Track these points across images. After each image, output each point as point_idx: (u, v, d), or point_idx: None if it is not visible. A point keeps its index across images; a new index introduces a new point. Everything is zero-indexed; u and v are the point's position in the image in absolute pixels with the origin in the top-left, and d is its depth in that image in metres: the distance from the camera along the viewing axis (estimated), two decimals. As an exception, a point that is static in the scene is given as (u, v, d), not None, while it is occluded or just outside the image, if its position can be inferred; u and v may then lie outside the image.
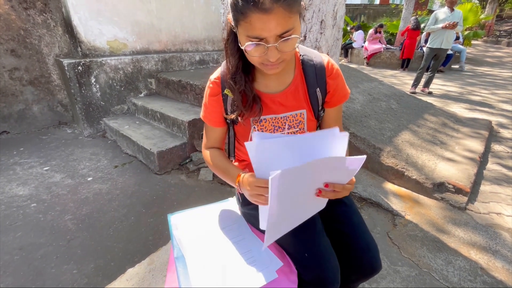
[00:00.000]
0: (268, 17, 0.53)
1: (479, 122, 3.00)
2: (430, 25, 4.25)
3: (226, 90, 0.75)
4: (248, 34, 0.57)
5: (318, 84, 0.76)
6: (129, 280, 0.70)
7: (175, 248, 0.73)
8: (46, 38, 2.70)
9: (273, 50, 0.59)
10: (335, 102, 0.79)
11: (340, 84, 0.78)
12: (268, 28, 0.55)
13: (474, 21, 9.13)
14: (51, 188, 1.89)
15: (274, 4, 0.52)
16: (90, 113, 2.70)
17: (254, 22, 0.55)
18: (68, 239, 1.45)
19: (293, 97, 0.77)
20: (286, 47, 0.59)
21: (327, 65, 0.76)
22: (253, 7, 0.52)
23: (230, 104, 0.76)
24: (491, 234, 1.52)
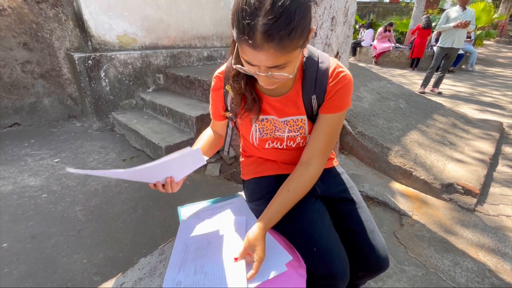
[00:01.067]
0: (258, 53, 0.53)
1: (489, 124, 2.95)
2: (441, 24, 4.17)
3: (227, 86, 0.75)
4: (242, 55, 0.58)
5: (316, 91, 0.71)
6: (141, 269, 0.71)
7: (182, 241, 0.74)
8: (58, 32, 2.74)
9: (263, 77, 0.60)
10: (326, 108, 0.72)
11: (341, 91, 0.70)
12: (257, 61, 0.55)
13: (487, 20, 8.94)
14: (61, 180, 1.93)
15: (265, 43, 0.50)
16: (99, 107, 2.74)
17: (246, 52, 0.55)
18: (78, 229, 1.48)
19: (292, 103, 0.75)
20: (277, 77, 0.58)
21: (332, 71, 0.70)
22: (244, 40, 0.52)
23: (230, 101, 0.78)
24: (500, 236, 1.50)
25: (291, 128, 0.78)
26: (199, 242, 0.75)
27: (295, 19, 0.49)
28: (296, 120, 0.77)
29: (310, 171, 0.73)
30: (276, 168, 0.87)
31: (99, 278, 1.19)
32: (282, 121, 0.77)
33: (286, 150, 0.83)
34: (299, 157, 0.84)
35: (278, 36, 0.49)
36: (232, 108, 0.77)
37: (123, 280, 0.67)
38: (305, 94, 0.73)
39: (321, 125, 0.74)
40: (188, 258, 0.70)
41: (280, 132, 0.79)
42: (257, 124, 0.79)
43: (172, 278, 0.65)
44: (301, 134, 0.79)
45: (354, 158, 2.24)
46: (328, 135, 0.74)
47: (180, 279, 0.65)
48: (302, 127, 0.78)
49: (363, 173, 2.06)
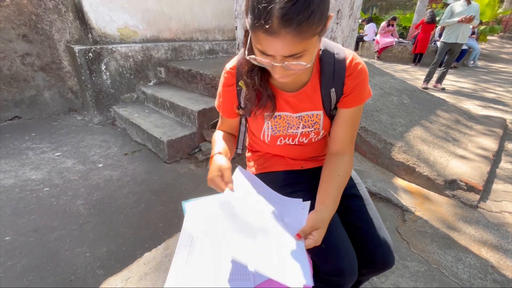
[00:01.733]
0: (274, 40, 0.50)
1: (493, 120, 2.93)
2: (445, 18, 4.10)
3: (241, 82, 0.72)
4: (256, 45, 0.55)
5: (334, 84, 0.70)
6: (146, 264, 0.71)
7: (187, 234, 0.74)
8: (57, 23, 2.70)
9: (278, 68, 0.56)
10: (348, 103, 0.72)
11: (360, 85, 0.70)
12: (274, 50, 0.52)
13: (491, 15, 8.81)
14: (63, 173, 1.92)
15: (282, 29, 0.48)
16: (100, 101, 2.72)
17: (261, 40, 0.52)
18: (80, 223, 1.48)
19: (309, 97, 0.73)
20: (293, 67, 0.55)
21: (349, 63, 0.69)
22: (260, 26, 0.49)
23: (244, 98, 0.75)
24: (503, 232, 1.50)
25: (305, 123, 0.76)
26: (204, 235, 0.74)
27: (314, 2, 0.47)
28: (311, 115, 0.75)
29: (346, 160, 0.74)
30: (284, 164, 0.86)
31: (103, 272, 1.19)
32: (296, 117, 0.75)
33: (297, 145, 0.82)
34: (309, 153, 0.83)
35: (296, 20, 0.47)
36: (246, 105, 0.74)
37: (129, 275, 0.67)
38: (324, 88, 0.71)
39: (344, 118, 0.74)
40: (194, 251, 0.69)
41: (293, 129, 0.77)
42: (270, 121, 0.77)
43: (178, 271, 0.64)
44: (315, 129, 0.77)
45: (357, 154, 2.22)
46: (353, 126, 0.75)
47: (185, 273, 0.64)
48: (317, 123, 0.76)
49: (366, 168, 2.05)
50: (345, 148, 0.75)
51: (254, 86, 0.68)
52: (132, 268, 0.70)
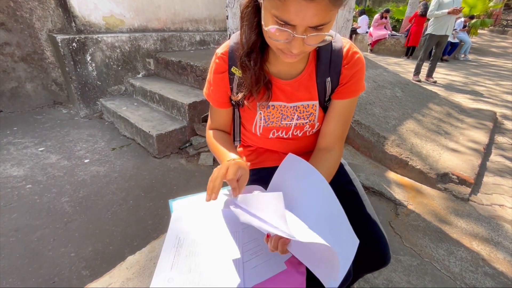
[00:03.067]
0: (308, 5, 0.45)
1: (483, 113, 2.96)
2: (433, 10, 4.07)
3: (234, 69, 0.67)
4: (277, 14, 0.49)
5: (330, 74, 0.67)
6: (129, 268, 0.66)
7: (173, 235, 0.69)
8: (38, 11, 2.55)
9: (298, 41, 0.51)
10: (342, 94, 0.69)
11: (356, 76, 0.67)
12: (303, 17, 0.47)
13: (483, 9, 8.88)
14: (47, 169, 1.84)
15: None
16: (86, 93, 2.61)
17: (290, 5, 0.46)
18: (65, 221, 1.42)
19: (305, 86, 0.69)
20: (313, 41, 0.51)
21: (346, 52, 0.66)
22: None
23: (237, 84, 0.70)
24: (493, 225, 1.51)
25: (300, 114, 0.72)
26: (193, 236, 0.70)
27: None
28: (306, 105, 0.71)
29: (334, 155, 0.71)
30: (276, 159, 0.82)
31: (88, 272, 1.14)
32: (291, 107, 0.71)
33: (291, 140, 0.78)
34: (303, 148, 0.79)
35: None
36: (241, 90, 0.68)
37: (110, 280, 0.62)
38: (320, 77, 0.67)
39: (337, 110, 0.71)
40: (181, 253, 0.65)
41: (287, 120, 0.73)
42: (263, 111, 0.72)
43: (163, 275, 0.60)
44: (310, 121, 0.74)
45: (350, 148, 2.21)
46: (345, 120, 0.72)
47: (172, 276, 0.60)
48: (312, 114, 0.73)
49: (359, 162, 2.03)
50: (334, 143, 0.72)
51: (253, 69, 0.63)
52: (113, 273, 0.65)
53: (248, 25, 0.58)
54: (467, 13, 8.04)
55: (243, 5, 0.57)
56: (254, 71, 0.63)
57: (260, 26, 0.58)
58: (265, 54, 0.66)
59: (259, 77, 0.65)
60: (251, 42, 0.60)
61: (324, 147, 0.73)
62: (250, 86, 0.65)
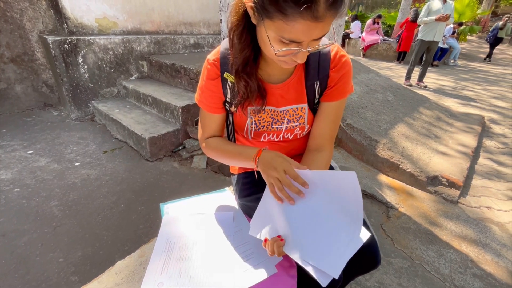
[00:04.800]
0: (317, 25, 0.47)
1: (472, 117, 3.02)
2: (423, 16, 4.19)
3: (226, 74, 0.68)
4: (283, 35, 0.50)
5: (319, 77, 0.69)
6: (119, 273, 0.65)
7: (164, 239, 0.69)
8: (29, 12, 2.52)
9: (305, 53, 0.54)
10: (331, 96, 0.71)
11: (344, 78, 0.69)
12: (310, 35, 0.49)
13: (471, 16, 9.13)
14: (36, 173, 1.80)
15: (327, 12, 0.46)
16: (77, 95, 2.57)
17: (298, 27, 0.48)
18: (54, 226, 1.39)
19: (294, 89, 0.71)
20: (315, 48, 0.55)
21: (334, 55, 0.68)
22: (304, 12, 0.45)
23: (231, 89, 0.70)
24: (481, 227, 1.54)
25: (290, 118, 0.74)
26: (183, 240, 0.70)
27: None
28: (296, 109, 0.73)
29: (324, 156, 0.73)
30: None
31: (77, 278, 1.12)
32: (281, 111, 0.73)
33: (282, 142, 0.79)
34: (294, 150, 0.80)
35: (339, 2, 0.47)
36: (235, 95, 0.69)
37: (98, 286, 0.61)
38: (309, 80, 0.69)
39: (327, 112, 0.73)
40: (171, 257, 0.65)
41: (278, 124, 0.74)
42: (253, 116, 0.73)
43: (153, 279, 0.60)
44: (300, 124, 0.75)
45: (342, 151, 2.23)
46: (335, 121, 0.74)
47: (162, 280, 0.60)
48: (302, 117, 0.74)
49: (352, 165, 2.06)
50: (325, 144, 0.74)
51: (248, 82, 0.64)
52: (102, 278, 0.64)
53: (241, 42, 0.59)
54: (456, 20, 8.26)
55: (233, 23, 0.58)
56: (250, 83, 0.65)
57: (254, 40, 0.59)
58: (257, 63, 0.67)
59: (254, 87, 0.66)
60: (246, 57, 0.61)
61: (315, 147, 0.75)
62: (246, 96, 0.66)
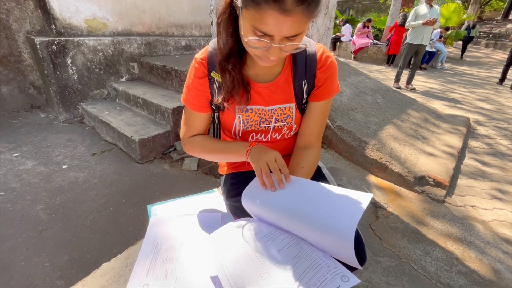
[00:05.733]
0: (285, 19, 0.49)
1: (458, 119, 3.11)
2: (410, 21, 4.31)
3: (213, 73, 0.69)
4: (255, 26, 0.52)
5: (306, 77, 0.71)
6: (104, 275, 0.65)
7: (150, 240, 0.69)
8: (16, 12, 2.47)
9: (276, 49, 0.55)
10: (319, 96, 0.73)
11: (330, 78, 0.72)
12: (280, 29, 0.51)
13: (457, 21, 9.39)
14: (22, 176, 1.76)
15: (296, 7, 0.47)
16: (66, 97, 2.53)
17: (267, 18, 0.49)
18: (39, 230, 1.36)
19: (282, 89, 0.72)
20: (289, 48, 0.56)
21: (320, 56, 0.70)
22: (272, 3, 0.47)
23: (217, 88, 0.71)
24: (466, 226, 1.58)
25: (278, 117, 0.75)
26: (170, 242, 0.70)
27: None
28: (284, 108, 0.74)
29: (313, 152, 0.75)
30: None
31: (63, 283, 1.10)
32: (269, 110, 0.74)
33: (270, 143, 0.80)
34: (282, 151, 0.81)
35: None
36: (220, 95, 0.70)
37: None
38: (297, 80, 0.71)
39: (315, 112, 0.75)
40: (157, 259, 0.65)
41: (265, 123, 0.76)
42: (241, 115, 0.74)
43: (139, 280, 0.59)
44: (288, 124, 0.77)
45: (333, 152, 2.26)
46: (322, 120, 0.77)
47: (148, 281, 0.59)
48: (290, 116, 0.76)
49: (342, 166, 2.08)
50: (313, 142, 0.77)
51: (232, 73, 0.65)
52: (87, 281, 0.63)
53: (226, 31, 0.61)
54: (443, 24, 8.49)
55: (219, 11, 0.59)
56: (233, 74, 0.65)
57: (237, 31, 0.60)
58: (243, 58, 0.68)
59: (238, 80, 0.67)
60: (228, 47, 0.62)
61: (303, 145, 0.77)
62: (229, 88, 0.67)
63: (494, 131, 3.08)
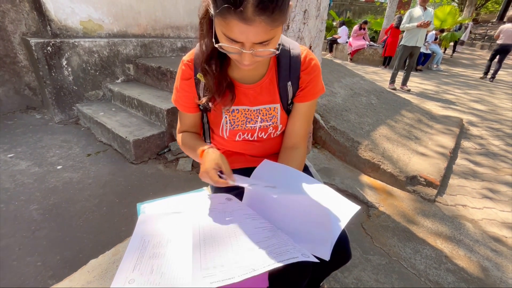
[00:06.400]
0: (248, 28, 0.50)
1: (451, 120, 3.15)
2: (405, 23, 4.35)
3: (199, 74, 0.71)
4: (225, 33, 0.54)
5: (291, 78, 0.73)
6: (91, 271, 0.66)
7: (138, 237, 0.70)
8: (11, 14, 2.48)
9: (247, 55, 0.56)
10: (303, 97, 0.76)
11: (314, 80, 0.74)
12: (245, 37, 0.52)
13: (452, 23, 9.49)
14: (16, 176, 1.77)
15: (257, 16, 0.49)
16: (61, 98, 2.54)
17: (232, 27, 0.51)
18: (32, 230, 1.37)
19: (267, 90, 0.75)
20: (261, 53, 0.57)
21: (304, 58, 0.72)
22: (233, 13, 0.48)
23: (203, 89, 0.73)
24: (456, 224, 1.60)
25: (263, 117, 0.77)
26: (157, 238, 0.71)
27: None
28: (269, 108, 0.76)
29: (300, 153, 0.78)
30: (243, 161, 0.86)
31: (55, 282, 1.10)
32: (254, 110, 0.76)
33: (257, 142, 0.82)
34: (269, 150, 0.84)
35: (271, 8, 0.48)
36: (205, 95, 0.72)
37: (70, 284, 0.62)
38: (281, 81, 0.73)
39: (300, 112, 0.77)
40: (144, 255, 0.66)
41: (251, 123, 0.78)
42: (228, 115, 0.76)
43: (125, 275, 0.60)
44: (273, 123, 0.78)
45: (326, 152, 2.28)
46: (307, 120, 0.79)
47: (133, 277, 0.61)
48: (275, 116, 0.78)
49: (335, 166, 2.10)
50: (299, 142, 0.79)
51: (213, 74, 0.68)
52: (74, 277, 0.65)
53: (206, 34, 0.62)
54: (438, 27, 8.57)
55: (201, 15, 0.61)
56: (215, 75, 0.67)
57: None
58: (227, 59, 0.70)
59: (221, 80, 0.69)
60: (209, 49, 0.64)
61: (290, 145, 0.80)
62: (213, 89, 0.69)
63: (487, 132, 3.12)
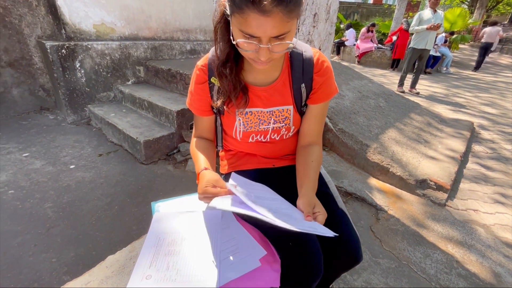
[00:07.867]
0: (266, 19, 0.52)
1: (461, 123, 3.10)
2: (414, 25, 4.31)
3: (213, 79, 0.73)
4: (242, 29, 0.56)
5: (304, 80, 0.74)
6: (109, 267, 0.68)
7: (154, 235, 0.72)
8: (28, 18, 2.56)
9: (265, 50, 0.58)
10: (317, 99, 0.77)
11: (328, 82, 0.76)
12: (263, 30, 0.54)
13: (462, 25, 9.36)
14: (31, 175, 1.82)
15: (274, 7, 0.50)
16: (74, 99, 2.60)
17: (250, 21, 0.53)
18: (47, 227, 1.41)
19: (279, 92, 0.76)
20: (278, 48, 0.58)
21: (316, 61, 0.74)
22: (251, 5, 0.50)
23: (217, 93, 0.75)
24: (467, 229, 1.58)
25: (276, 118, 0.78)
26: (172, 236, 0.73)
27: None
28: (282, 110, 0.78)
29: (318, 149, 0.80)
30: (255, 162, 0.87)
31: (69, 278, 1.13)
32: (268, 111, 0.77)
33: (269, 143, 0.84)
34: (281, 151, 0.85)
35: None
36: (219, 98, 0.74)
37: (89, 278, 0.64)
38: (295, 83, 0.75)
39: (314, 114, 0.79)
40: (160, 252, 0.68)
41: (264, 124, 0.79)
42: (241, 117, 0.78)
43: (142, 271, 0.62)
44: (286, 125, 0.80)
45: (334, 155, 2.27)
46: (322, 119, 0.82)
47: (150, 273, 0.62)
48: (288, 118, 0.79)
49: (343, 169, 2.10)
50: (315, 140, 0.81)
51: (228, 77, 0.69)
52: (93, 271, 0.67)
53: (222, 38, 0.65)
54: (448, 29, 8.47)
55: (215, 21, 0.63)
56: (230, 78, 0.69)
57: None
58: (241, 63, 0.72)
59: (236, 83, 0.70)
60: (225, 53, 0.66)
61: (307, 143, 0.81)
62: (228, 92, 0.71)
63: (498, 136, 3.06)
